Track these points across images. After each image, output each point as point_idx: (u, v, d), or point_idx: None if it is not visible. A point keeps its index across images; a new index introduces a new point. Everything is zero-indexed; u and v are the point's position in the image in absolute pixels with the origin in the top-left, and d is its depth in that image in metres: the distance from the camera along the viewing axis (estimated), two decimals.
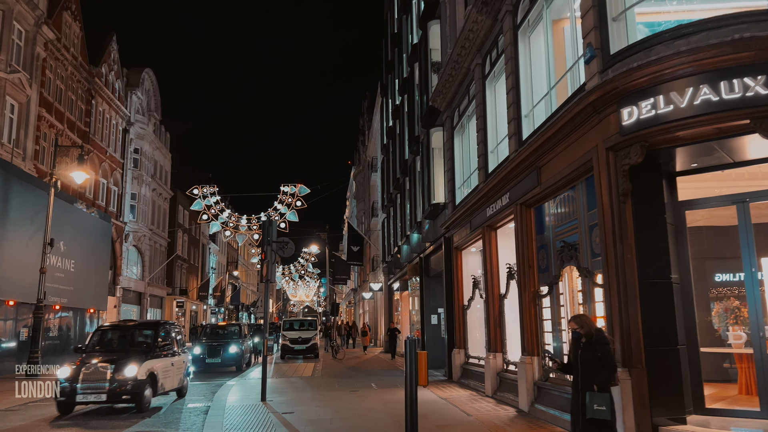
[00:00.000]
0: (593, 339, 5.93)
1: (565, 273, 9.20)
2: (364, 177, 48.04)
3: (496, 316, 12.19)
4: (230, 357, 19.53)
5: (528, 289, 10.24)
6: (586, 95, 7.52)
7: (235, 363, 19.63)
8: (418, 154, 20.48)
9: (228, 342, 20.09)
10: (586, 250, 8.35)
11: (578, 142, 8.13)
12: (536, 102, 10.36)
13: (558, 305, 9.38)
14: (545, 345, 9.89)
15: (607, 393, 5.81)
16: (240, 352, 19.82)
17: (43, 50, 24.73)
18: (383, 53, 33.53)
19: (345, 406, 11.15)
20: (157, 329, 12.28)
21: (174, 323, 13.93)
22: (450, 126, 16.12)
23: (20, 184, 21.00)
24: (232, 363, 19.60)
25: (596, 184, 7.62)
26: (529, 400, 9.93)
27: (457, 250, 15.64)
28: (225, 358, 19.45)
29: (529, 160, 9.83)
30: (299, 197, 35.71)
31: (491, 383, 12.04)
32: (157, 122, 42.58)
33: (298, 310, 79.90)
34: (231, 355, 19.55)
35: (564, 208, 9.18)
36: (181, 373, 12.82)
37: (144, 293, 39.78)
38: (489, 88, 12.93)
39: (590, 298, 8.23)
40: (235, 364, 19.64)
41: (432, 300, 19.95)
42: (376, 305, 39.31)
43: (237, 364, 19.66)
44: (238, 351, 19.75)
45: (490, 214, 12.27)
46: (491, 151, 12.74)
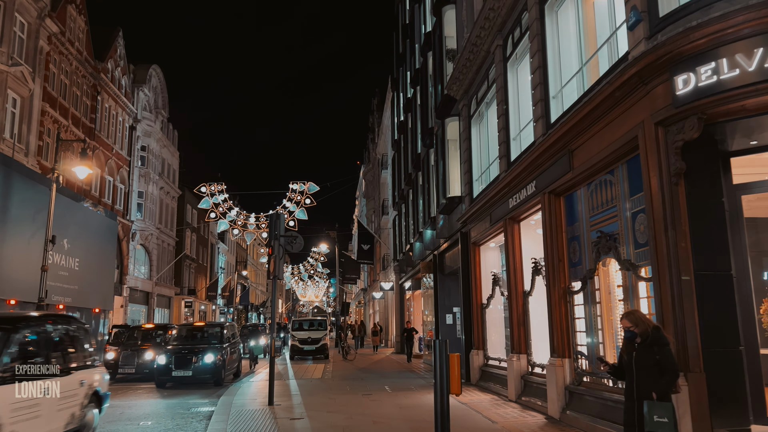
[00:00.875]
0: (649, 339, 5.10)
1: (602, 266, 8.35)
2: (374, 175, 47.26)
3: (519, 314, 11.34)
4: (205, 368, 15.02)
5: (557, 285, 9.39)
6: (631, 64, 6.68)
7: (212, 375, 15.20)
8: (432, 147, 19.65)
9: (204, 348, 15.52)
10: (628, 241, 7.50)
11: (619, 119, 7.28)
12: (566, 81, 9.51)
13: (593, 302, 8.53)
14: (577, 346, 9.04)
15: (669, 402, 4.98)
16: (219, 361, 15.34)
17: (46, 44, 24.15)
18: (394, 46, 32.73)
19: (358, 412, 10.36)
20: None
21: (69, 316, 8.86)
22: (467, 115, 15.28)
23: (22, 180, 20.37)
24: (208, 375, 15.16)
25: (642, 165, 6.78)
26: (560, 406, 9.08)
27: (474, 245, 14.80)
28: (198, 370, 14.96)
29: (559, 144, 8.99)
30: (308, 195, 35.18)
31: (515, 387, 11.20)
32: (164, 120, 42.04)
33: (307, 310, 79.35)
34: (206, 365, 15.04)
35: (600, 195, 8.33)
36: (72, 407, 7.13)
37: (151, 293, 39.21)
38: (511, 70, 12.09)
39: (633, 293, 7.38)
40: (212, 376, 15.22)
41: (447, 299, 19.13)
42: (387, 305, 38.50)
43: (214, 376, 15.24)
44: (216, 360, 15.22)
45: (513, 206, 11.44)
46: (513, 138, 11.90)
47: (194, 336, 17.18)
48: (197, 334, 17.37)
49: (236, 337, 18.55)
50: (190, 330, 17.86)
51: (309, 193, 34.77)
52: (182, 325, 19.35)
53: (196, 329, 17.92)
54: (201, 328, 17.85)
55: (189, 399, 12.94)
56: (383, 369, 19.79)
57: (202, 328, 17.85)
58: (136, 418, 10.44)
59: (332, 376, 17.16)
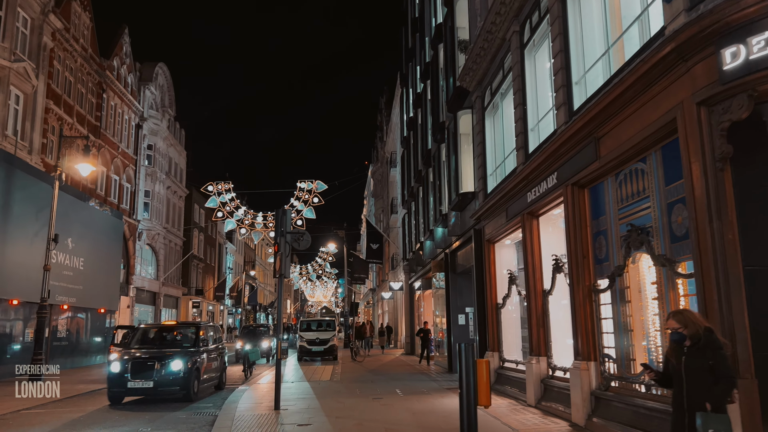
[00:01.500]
0: (702, 342, 4.49)
1: (631, 263, 7.73)
2: (382, 174, 46.68)
3: (538, 314, 10.73)
4: (171, 377, 12.03)
5: (582, 283, 8.78)
6: (669, 39, 6.06)
7: (181, 387, 12.13)
8: (443, 142, 19.06)
9: (172, 353, 12.61)
10: (663, 234, 6.88)
11: (654, 101, 6.67)
12: (590, 65, 8.90)
13: (622, 301, 7.91)
14: (604, 348, 8.42)
15: (725, 414, 4.37)
16: (190, 368, 12.38)
17: (50, 40, 23.77)
18: (402, 42, 32.14)
19: (369, 418, 9.79)
20: None
21: None
22: (480, 107, 14.68)
23: (24, 178, 19.98)
24: (175, 387, 12.10)
25: (682, 150, 6.16)
26: (585, 413, 8.47)
27: (489, 242, 14.19)
28: (162, 380, 11.94)
29: (584, 132, 8.38)
30: (316, 193, 34.68)
31: (534, 391, 10.59)
32: (171, 118, 41.68)
33: (316, 311, 78.95)
34: (172, 374, 12.07)
35: (630, 185, 7.70)
36: None
37: (158, 293, 38.85)
38: (528, 58, 11.48)
39: (668, 291, 6.76)
40: (181, 388, 12.15)
41: (459, 299, 18.54)
42: (396, 305, 37.91)
43: (184, 388, 12.18)
44: (186, 367, 12.24)
45: (531, 200, 10.83)
46: (531, 129, 11.30)
47: (162, 338, 14.25)
48: (166, 335, 14.38)
49: (220, 342, 15.65)
50: (157, 331, 14.88)
51: (317, 192, 34.39)
52: (148, 325, 16.56)
53: (164, 330, 14.87)
54: (171, 329, 14.83)
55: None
56: (393, 371, 19.21)
57: (173, 328, 14.90)
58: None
59: (341, 379, 16.61)
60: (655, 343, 7.30)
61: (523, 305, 11.83)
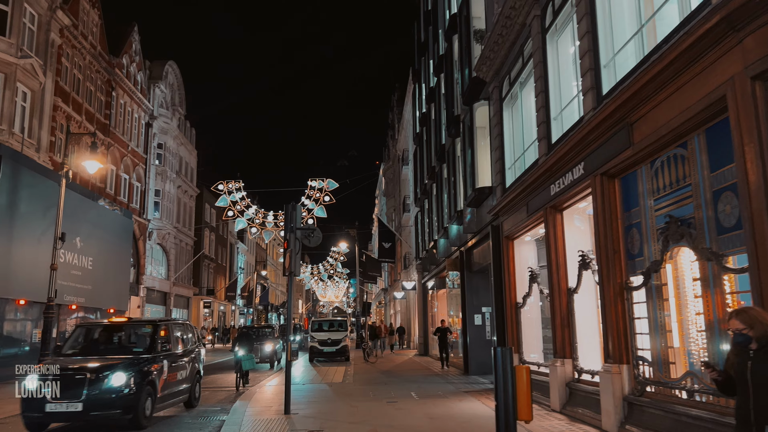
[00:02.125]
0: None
1: (668, 257, 7.11)
2: (394, 172, 46.14)
3: (563, 314, 10.12)
4: (109, 396, 8.71)
5: (612, 280, 8.16)
6: (717, 8, 5.46)
7: (124, 408, 8.80)
8: (458, 136, 18.47)
9: (113, 364, 9.10)
10: (708, 225, 6.26)
11: (698, 79, 6.06)
12: (620, 47, 8.29)
13: (659, 299, 7.29)
14: (638, 350, 7.80)
15: None
16: (139, 384, 9.02)
17: (58, 37, 23.50)
18: (415, 36, 31.57)
19: (384, 423, 9.24)
20: None
21: None
22: (498, 98, 14.08)
23: (31, 176, 19.69)
24: (116, 410, 8.76)
25: (733, 131, 5.55)
26: (617, 420, 7.86)
27: (507, 239, 13.58)
28: (95, 401, 8.61)
29: (615, 117, 7.77)
30: (327, 192, 34.18)
31: (558, 395, 9.98)
32: (181, 117, 41.44)
33: (327, 311, 78.57)
34: (111, 390, 8.74)
35: (669, 173, 7.08)
36: None
37: (169, 293, 38.60)
38: (550, 43, 10.87)
39: (714, 288, 6.14)
40: (125, 411, 8.81)
41: (475, 298, 17.95)
42: (409, 305, 37.35)
43: (128, 411, 8.84)
44: (129, 383, 8.88)
45: (555, 193, 10.22)
46: (554, 117, 10.69)
47: (107, 341, 10.68)
48: (113, 337, 10.79)
49: (191, 344, 11.87)
50: (102, 331, 10.89)
51: (328, 190, 33.89)
52: (89, 324, 13.16)
53: (111, 330, 10.94)
54: (119, 328, 10.98)
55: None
56: (407, 372, 18.65)
57: (122, 327, 11.02)
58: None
59: (353, 381, 16.08)
60: (696, 345, 6.69)
61: (546, 305, 11.22)
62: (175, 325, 11.49)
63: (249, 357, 14.83)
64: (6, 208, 18.30)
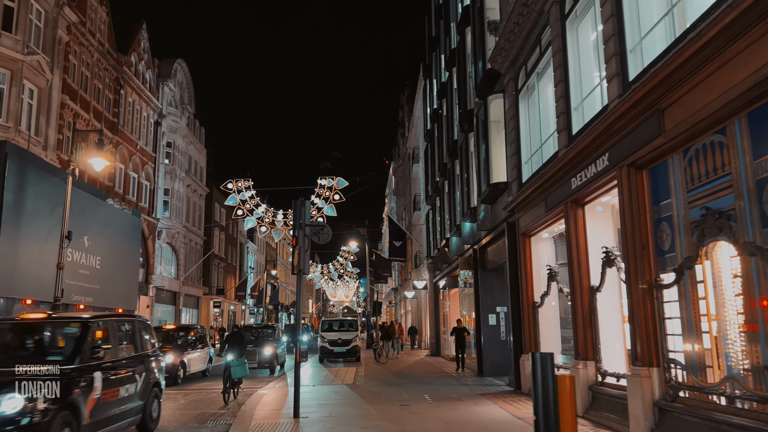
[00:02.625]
0: None
1: (703, 253, 6.61)
2: (404, 171, 45.68)
3: (585, 314, 9.63)
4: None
5: (641, 278, 7.66)
6: None
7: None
8: (472, 131, 17.98)
9: (11, 381, 6.35)
10: (750, 217, 5.76)
11: (740, 58, 5.57)
12: (648, 29, 7.80)
13: (693, 298, 6.79)
14: (668, 352, 7.31)
15: None
16: (45, 410, 6.35)
17: (65, 34, 23.28)
18: (426, 30, 31.09)
19: (397, 428, 8.81)
20: None
21: None
22: (513, 89, 13.60)
23: (38, 174, 19.44)
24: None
25: None
26: (647, 426, 7.36)
27: (524, 236, 13.10)
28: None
29: (644, 103, 7.28)
30: (337, 190, 33.79)
31: (581, 399, 9.48)
32: (190, 116, 41.24)
33: (337, 310, 78.24)
34: (4, 420, 6.10)
35: (704, 162, 6.58)
36: None
37: (179, 293, 38.39)
38: (570, 30, 10.37)
39: (759, 285, 5.64)
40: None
41: (489, 297, 17.45)
42: (420, 305, 36.88)
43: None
44: (27, 409, 6.23)
45: (576, 186, 9.73)
46: (575, 108, 10.20)
47: (20, 345, 8.06)
48: (25, 341, 8.13)
49: (145, 348, 9.35)
50: (9, 332, 8.15)
51: (338, 188, 33.50)
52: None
53: (21, 330, 8.26)
54: (34, 328, 8.27)
55: None
56: (419, 373, 18.20)
57: (38, 327, 8.28)
58: None
59: (364, 382, 15.65)
60: (735, 347, 6.19)
61: (566, 304, 10.73)
62: (119, 322, 8.95)
63: (241, 363, 12.68)
64: (12, 206, 18.05)
